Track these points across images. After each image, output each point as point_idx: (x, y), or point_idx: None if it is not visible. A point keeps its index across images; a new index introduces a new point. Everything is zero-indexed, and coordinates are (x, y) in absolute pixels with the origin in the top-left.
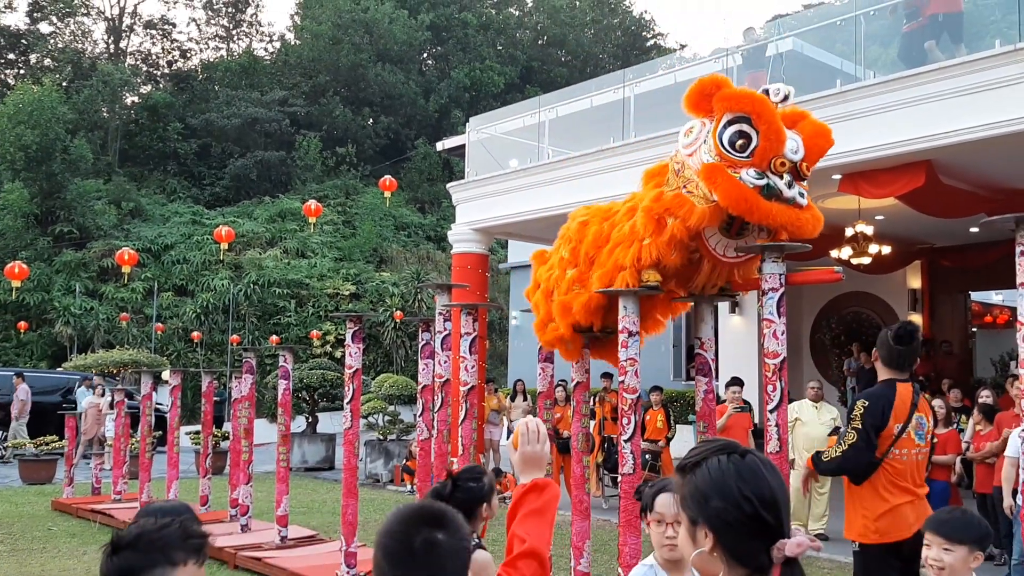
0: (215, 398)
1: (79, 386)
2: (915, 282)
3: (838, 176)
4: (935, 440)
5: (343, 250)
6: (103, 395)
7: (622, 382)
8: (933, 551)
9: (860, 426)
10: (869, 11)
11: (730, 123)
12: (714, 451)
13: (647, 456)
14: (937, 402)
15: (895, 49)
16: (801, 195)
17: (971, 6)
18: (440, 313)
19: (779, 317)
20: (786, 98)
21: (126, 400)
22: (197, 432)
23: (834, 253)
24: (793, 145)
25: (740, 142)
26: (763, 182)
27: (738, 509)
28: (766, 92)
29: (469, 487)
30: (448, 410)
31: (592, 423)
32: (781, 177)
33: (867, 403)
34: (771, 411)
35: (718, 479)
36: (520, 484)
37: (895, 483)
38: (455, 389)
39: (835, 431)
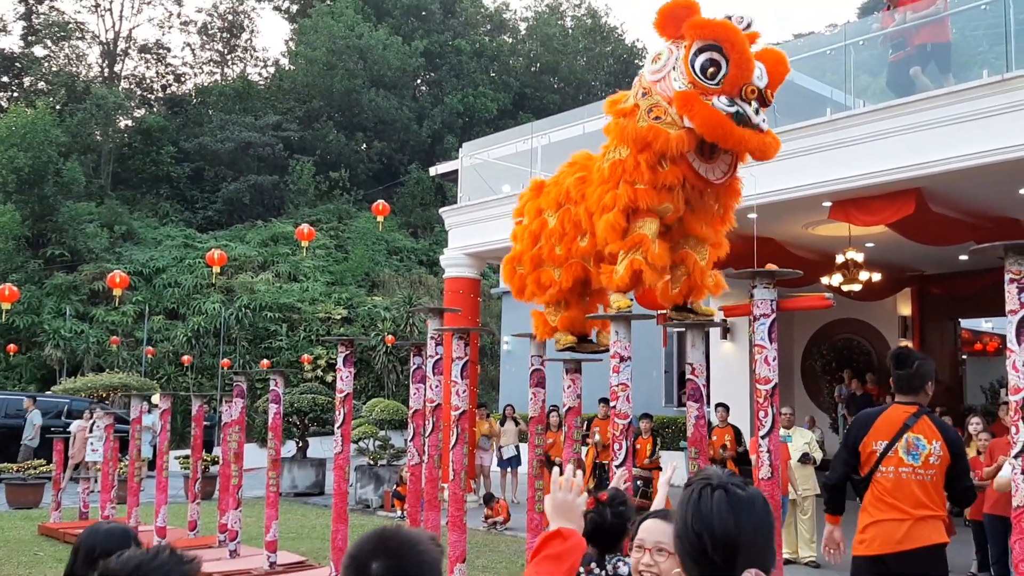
0: (205, 422)
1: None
2: (905, 309)
3: (828, 203)
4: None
5: (335, 274)
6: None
7: (613, 407)
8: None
9: (841, 443)
10: (858, 41)
11: (701, 51)
12: (696, 480)
13: (638, 482)
14: None
15: (884, 78)
16: (764, 121)
17: (959, 36)
18: (432, 337)
19: (770, 343)
20: (748, 26)
21: (115, 423)
22: (186, 456)
23: (825, 280)
24: (759, 72)
25: (711, 69)
26: (734, 109)
27: (687, 541)
28: (729, 19)
29: (620, 511)
30: (439, 435)
31: (584, 449)
32: (750, 104)
33: (852, 422)
34: (763, 437)
35: (682, 509)
36: (547, 529)
37: (882, 499)
38: (446, 414)
39: (804, 457)
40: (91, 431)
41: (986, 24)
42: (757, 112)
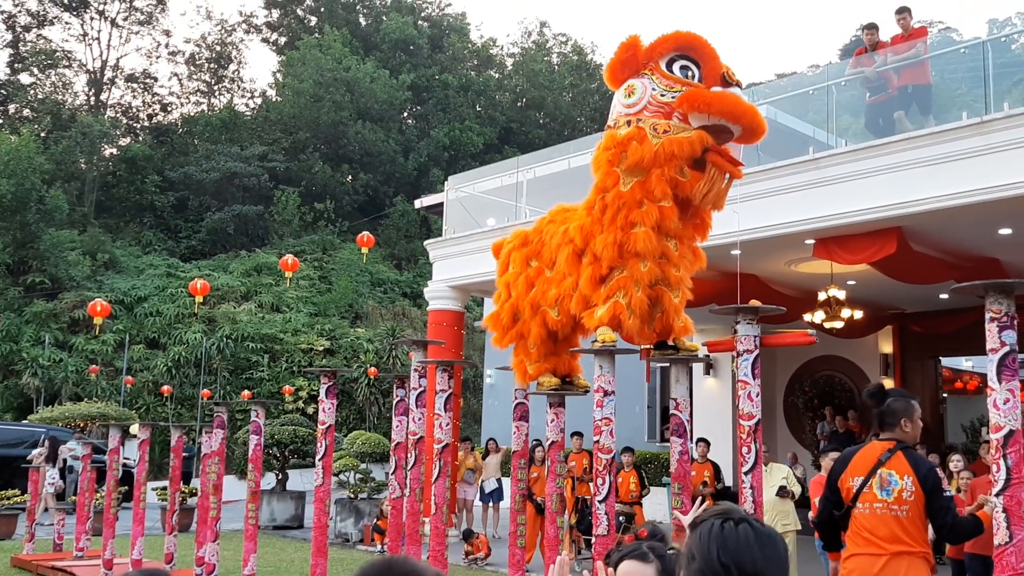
0: (184, 453)
1: None
2: (887, 347)
3: (811, 241)
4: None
5: (318, 305)
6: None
7: (597, 442)
8: None
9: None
10: (840, 81)
11: (672, 61)
12: (714, 515)
13: (620, 518)
14: None
15: (864, 119)
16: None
17: (939, 79)
18: (415, 369)
19: (753, 379)
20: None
21: (92, 454)
22: (164, 488)
23: (807, 317)
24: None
25: (688, 73)
26: (732, 90)
27: (713, 573)
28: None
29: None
30: (421, 468)
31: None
32: (731, 86)
33: (836, 459)
34: (746, 473)
35: (704, 542)
36: None
37: (858, 533)
38: (429, 447)
39: (781, 490)
40: (47, 462)
41: (965, 67)
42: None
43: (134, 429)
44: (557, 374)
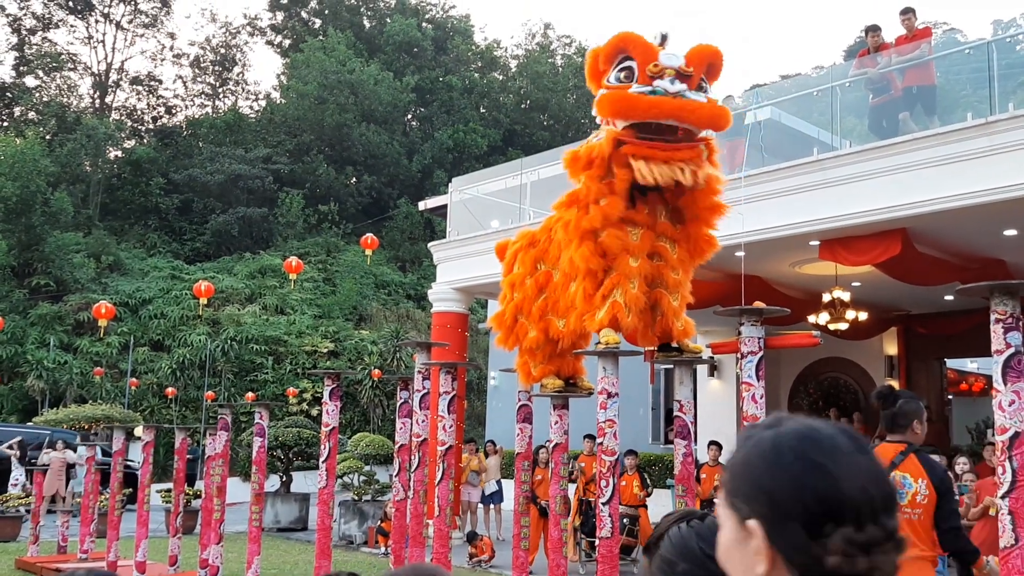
0: (188, 455)
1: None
2: (891, 348)
3: (816, 242)
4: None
5: (323, 307)
6: (65, 450)
7: (601, 443)
8: None
9: None
10: (844, 83)
11: (614, 67)
12: (673, 522)
13: (624, 520)
14: None
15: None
16: (701, 91)
17: (943, 80)
18: (419, 372)
19: (758, 380)
20: (664, 37)
21: (97, 456)
22: (168, 490)
23: (812, 318)
24: (669, 57)
25: (624, 74)
26: (648, 88)
27: (704, 568)
28: (664, 37)
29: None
30: (425, 470)
31: (573, 486)
32: (662, 79)
33: None
34: None
35: (679, 544)
36: None
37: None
38: (432, 449)
39: None
40: (21, 462)
41: (970, 68)
42: (674, 82)
43: (138, 431)
44: (561, 376)
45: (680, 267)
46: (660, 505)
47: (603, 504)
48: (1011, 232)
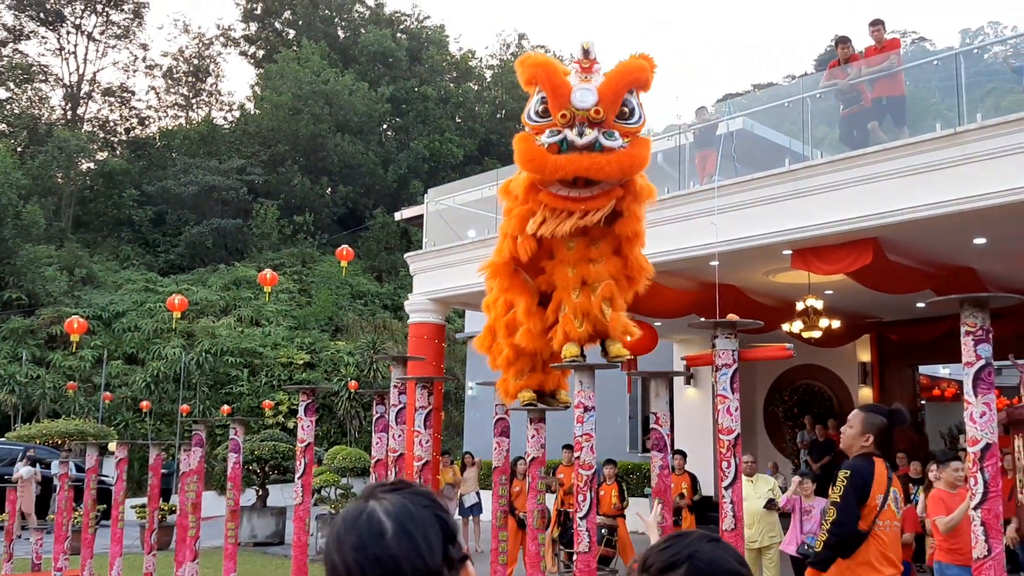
0: (163, 470)
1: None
2: (865, 355)
3: (789, 252)
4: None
5: (298, 319)
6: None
7: (577, 458)
8: None
9: (840, 499)
10: (816, 94)
11: (535, 96)
12: (691, 543)
13: (603, 531)
14: None
15: (838, 131)
16: (609, 137)
17: (913, 89)
18: (395, 386)
19: (732, 393)
20: (587, 52)
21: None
22: (142, 505)
23: (785, 327)
24: (583, 95)
25: (542, 107)
26: (558, 138)
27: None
28: (586, 52)
29: None
30: None
31: (551, 498)
32: (572, 128)
33: (850, 473)
34: (726, 488)
35: (711, 561)
36: None
37: (885, 555)
38: (409, 464)
39: (770, 503)
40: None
41: (939, 77)
42: (582, 134)
43: (112, 447)
44: (545, 390)
45: (604, 267)
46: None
47: (580, 518)
48: (980, 241)
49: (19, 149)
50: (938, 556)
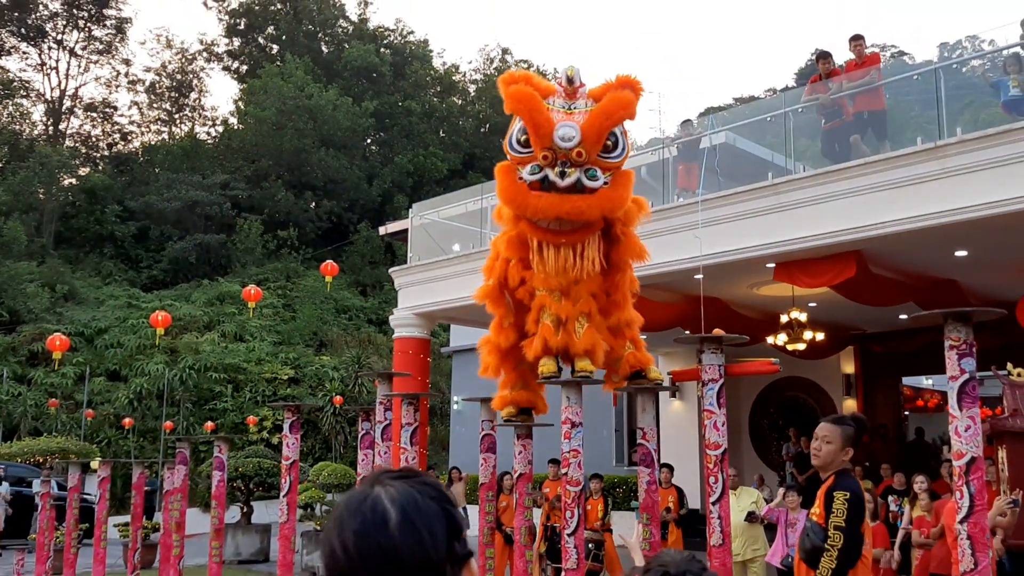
0: (145, 487)
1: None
2: (849, 367)
3: (772, 265)
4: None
5: (282, 334)
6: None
7: (565, 474)
8: None
9: (845, 524)
10: (797, 108)
11: (517, 126)
12: (654, 568)
13: (590, 545)
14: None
15: (820, 143)
16: (591, 177)
17: (892, 102)
18: (380, 402)
19: (719, 408)
20: (571, 80)
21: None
22: (125, 524)
23: (770, 339)
24: (565, 133)
25: (524, 137)
26: (540, 176)
27: None
28: (570, 80)
29: None
30: None
31: (537, 513)
32: (553, 167)
33: (848, 495)
34: (713, 503)
35: None
36: None
37: (866, 567)
38: None
39: (751, 515)
40: None
41: (918, 90)
42: (564, 175)
43: (95, 465)
44: (538, 408)
45: (590, 286)
46: (626, 528)
47: (568, 535)
48: (962, 253)
49: (0, 165)
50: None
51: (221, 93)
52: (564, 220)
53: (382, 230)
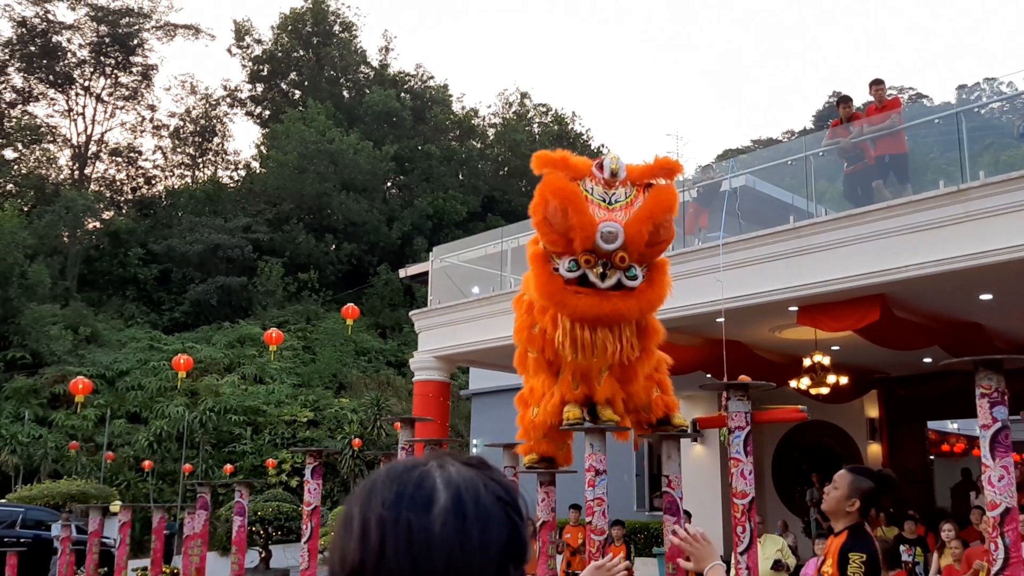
0: (165, 531)
1: None
2: (873, 411)
3: (795, 308)
4: None
5: (302, 376)
6: None
7: (589, 522)
8: None
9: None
10: (818, 151)
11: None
12: None
13: None
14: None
15: (840, 185)
16: (631, 276)
17: (913, 144)
18: (403, 448)
19: (746, 456)
20: (614, 174)
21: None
22: (144, 568)
23: (793, 383)
24: (608, 235)
25: (560, 218)
26: (578, 273)
27: None
28: (600, 167)
29: None
30: None
31: (559, 559)
32: (593, 269)
33: (866, 558)
34: (741, 553)
35: None
36: None
37: None
38: None
39: (776, 564)
40: None
41: (938, 132)
42: (604, 277)
43: (114, 508)
44: (559, 459)
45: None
46: (648, 575)
47: None
48: (987, 296)
49: (26, 209)
50: None
51: (244, 138)
52: (603, 319)
53: (402, 273)
